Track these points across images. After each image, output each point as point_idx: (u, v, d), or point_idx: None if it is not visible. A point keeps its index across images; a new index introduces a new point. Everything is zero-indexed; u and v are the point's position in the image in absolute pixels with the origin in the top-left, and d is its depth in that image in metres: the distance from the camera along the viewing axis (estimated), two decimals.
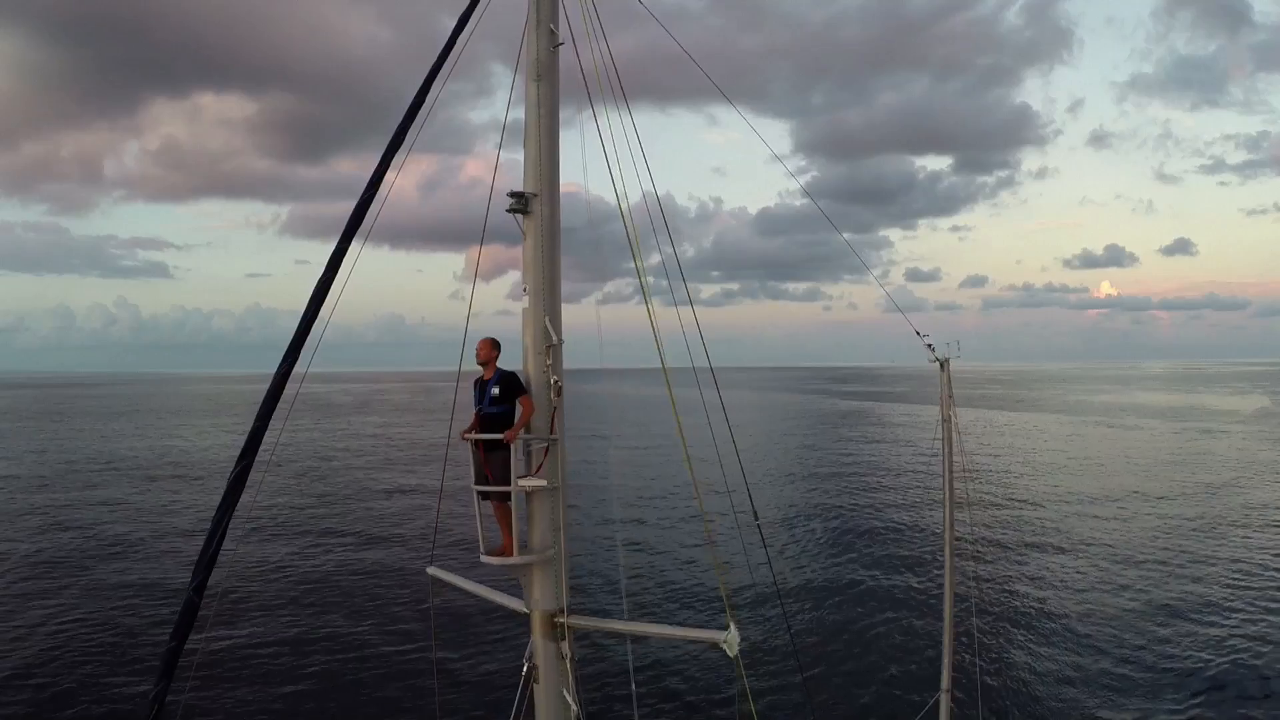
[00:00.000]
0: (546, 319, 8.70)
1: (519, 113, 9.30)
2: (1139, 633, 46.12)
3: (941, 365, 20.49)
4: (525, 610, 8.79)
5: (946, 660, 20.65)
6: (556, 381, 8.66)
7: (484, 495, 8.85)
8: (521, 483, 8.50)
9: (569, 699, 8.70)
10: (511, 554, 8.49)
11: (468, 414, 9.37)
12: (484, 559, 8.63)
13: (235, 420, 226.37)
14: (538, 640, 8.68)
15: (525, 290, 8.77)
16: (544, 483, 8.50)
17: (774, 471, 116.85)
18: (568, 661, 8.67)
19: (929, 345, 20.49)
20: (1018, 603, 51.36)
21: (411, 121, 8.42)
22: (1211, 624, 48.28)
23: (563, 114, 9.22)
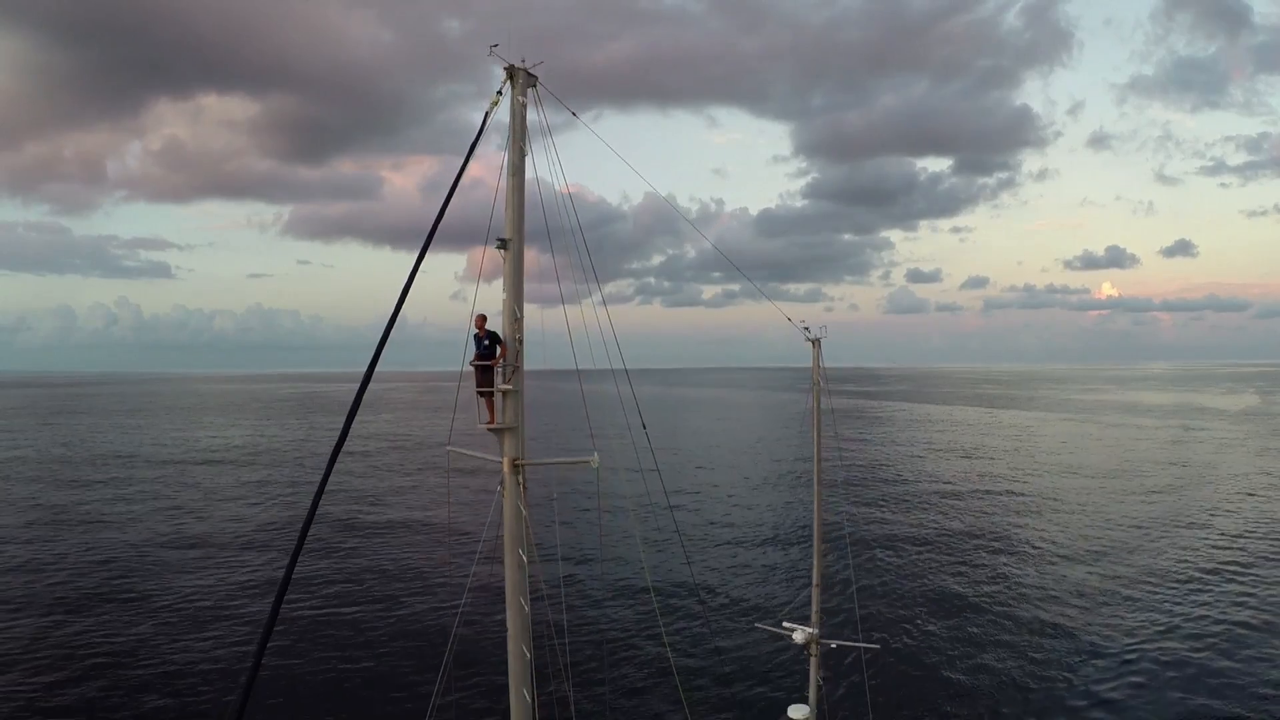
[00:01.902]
0: (515, 306, 16.48)
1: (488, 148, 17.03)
2: (1005, 577, 54.44)
3: (814, 344, 27.85)
4: (499, 459, 16.50)
5: (816, 560, 28.20)
6: (519, 337, 16.43)
7: (480, 394, 16.50)
8: (500, 386, 16.23)
9: (521, 508, 16.44)
10: (494, 423, 16.22)
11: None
12: (479, 426, 16.33)
13: (251, 418, 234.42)
14: (506, 475, 16.40)
15: (504, 290, 16.55)
16: (512, 387, 16.25)
17: (712, 450, 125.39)
18: (522, 486, 16.40)
19: (805, 328, 27.90)
20: (886, 537, 65.76)
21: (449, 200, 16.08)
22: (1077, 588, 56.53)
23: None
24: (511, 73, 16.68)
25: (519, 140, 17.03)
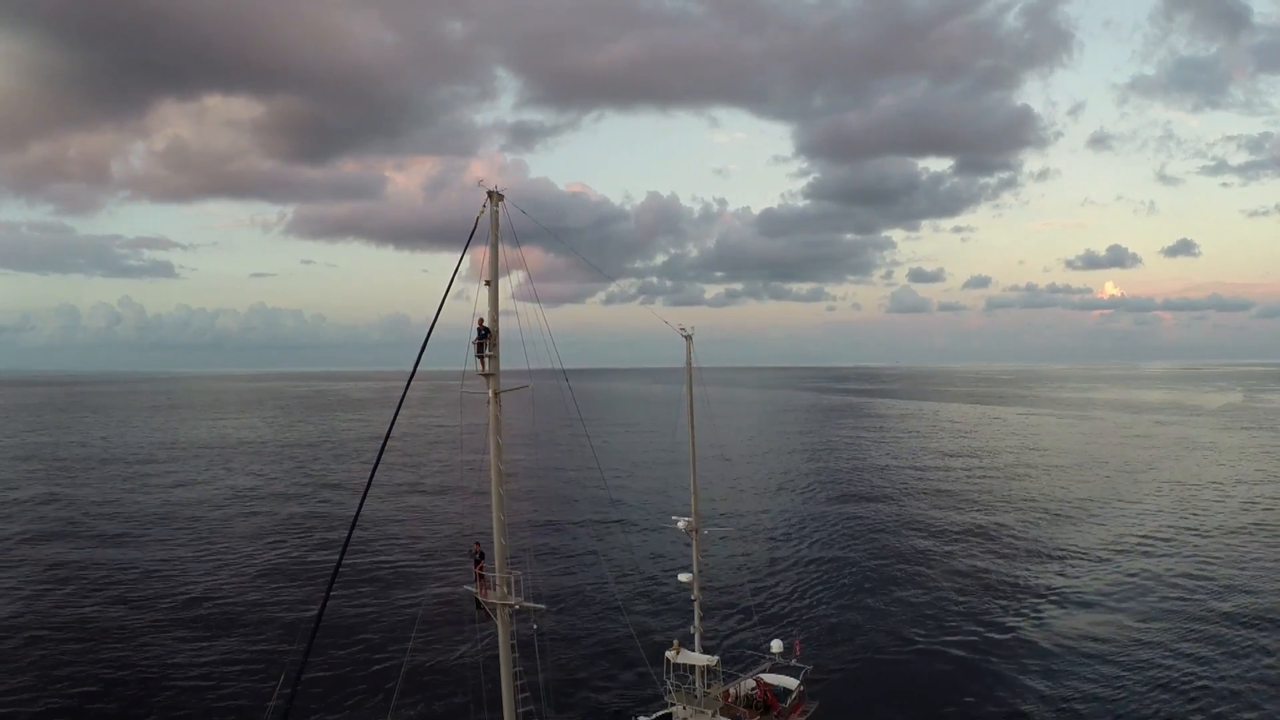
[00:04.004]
0: (494, 314, 33.07)
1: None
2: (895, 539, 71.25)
3: (688, 338, 43.90)
4: (487, 391, 32.96)
5: (692, 476, 44.41)
6: (497, 329, 33.00)
7: (479, 357, 32.89)
8: (488, 353, 32.72)
9: (499, 418, 32.97)
10: (484, 371, 32.73)
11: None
12: (478, 374, 32.79)
13: (274, 413, 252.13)
14: (491, 399, 32.89)
15: (488, 306, 33.08)
16: (491, 354, 32.74)
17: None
18: (499, 406, 32.92)
19: (681, 328, 43.97)
20: (784, 479, 79.80)
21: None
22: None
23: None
24: (490, 194, 33.23)
25: (495, 234, 33.56)
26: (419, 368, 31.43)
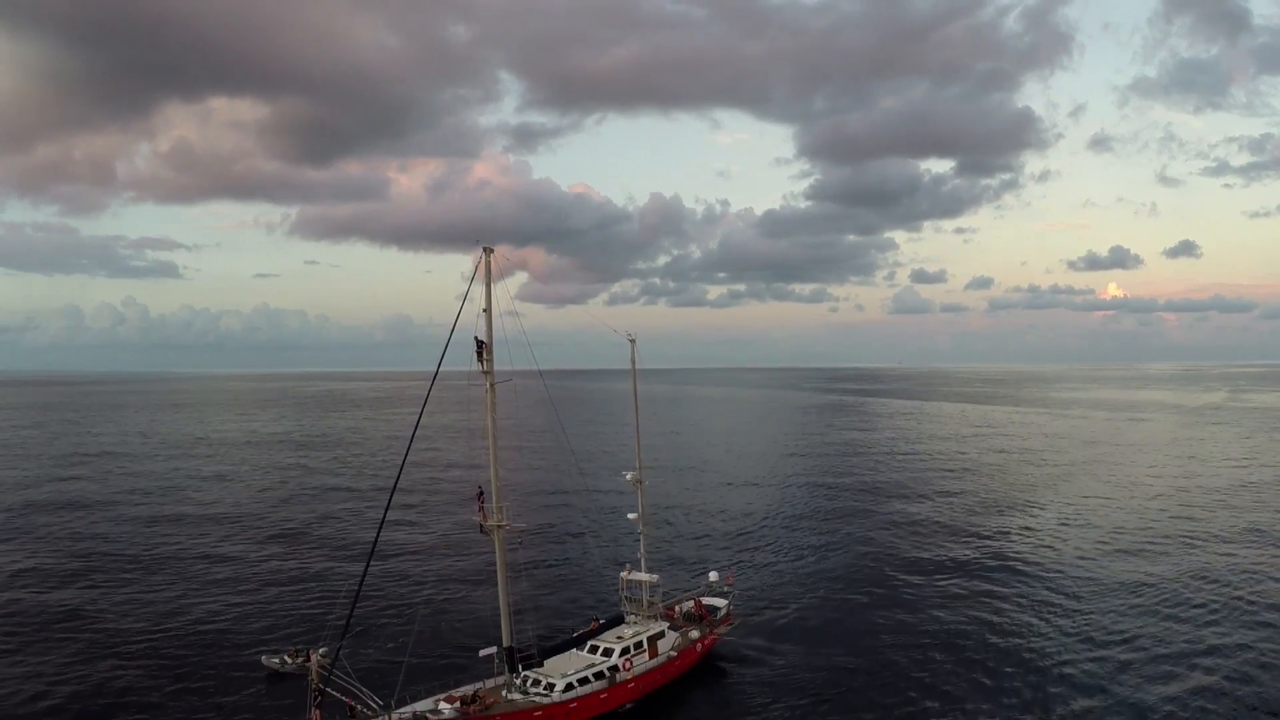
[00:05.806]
0: (489, 331, 49.05)
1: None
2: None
3: (631, 342, 59.18)
4: (485, 385, 48.73)
5: (636, 442, 60.01)
6: (491, 341, 48.90)
7: (479, 359, 48.56)
8: (486, 358, 48.47)
9: (494, 401, 48.89)
10: (484, 369, 48.51)
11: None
12: (479, 373, 48.55)
13: (289, 412, 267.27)
14: (488, 389, 48.64)
15: (488, 325, 48.97)
16: (488, 358, 48.49)
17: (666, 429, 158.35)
18: (494, 394, 48.80)
19: (627, 334, 59.42)
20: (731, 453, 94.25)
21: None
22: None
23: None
24: (485, 249, 49.09)
25: (489, 280, 49.42)
26: (427, 371, 46.46)
